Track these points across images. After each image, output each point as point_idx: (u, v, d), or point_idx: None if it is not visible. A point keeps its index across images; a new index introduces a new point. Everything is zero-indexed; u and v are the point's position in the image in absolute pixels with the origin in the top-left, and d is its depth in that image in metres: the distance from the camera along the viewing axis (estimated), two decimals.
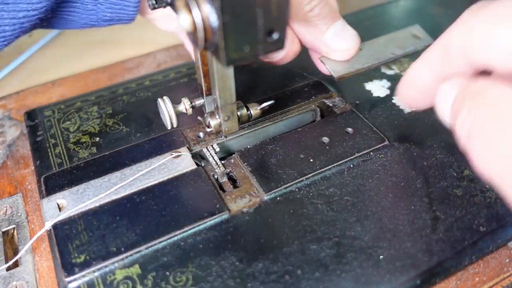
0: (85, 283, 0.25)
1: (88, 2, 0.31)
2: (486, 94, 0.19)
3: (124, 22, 0.34)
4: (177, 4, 0.22)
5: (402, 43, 0.34)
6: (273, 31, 0.21)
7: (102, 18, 0.33)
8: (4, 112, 0.42)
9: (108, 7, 0.32)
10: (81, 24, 0.33)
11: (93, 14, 0.32)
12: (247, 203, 0.29)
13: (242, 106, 0.33)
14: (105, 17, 0.33)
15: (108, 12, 0.32)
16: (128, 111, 0.38)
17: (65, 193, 0.30)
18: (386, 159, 0.32)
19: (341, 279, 0.25)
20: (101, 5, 0.32)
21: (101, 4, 0.31)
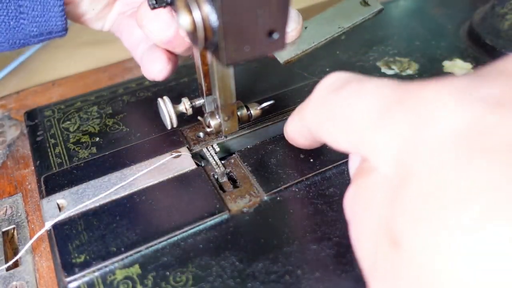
0: (85, 283, 0.25)
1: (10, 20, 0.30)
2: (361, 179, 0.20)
3: (57, 35, 0.33)
4: (177, 4, 0.22)
5: (350, 14, 0.33)
6: (273, 31, 0.21)
7: (30, 34, 0.31)
8: (4, 112, 0.42)
9: (32, 21, 0.31)
10: (9, 44, 0.31)
11: (18, 32, 0.31)
12: (247, 203, 0.29)
13: (242, 106, 0.32)
14: (32, 33, 0.31)
15: (34, 27, 0.31)
16: (128, 111, 0.38)
17: (65, 193, 0.30)
18: None
19: (341, 279, 0.25)
20: (24, 20, 0.30)
21: (24, 19, 0.30)
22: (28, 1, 0.30)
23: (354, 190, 0.20)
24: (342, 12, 0.33)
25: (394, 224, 0.16)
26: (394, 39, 0.45)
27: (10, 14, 0.30)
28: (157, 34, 0.31)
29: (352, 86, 0.21)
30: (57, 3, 0.31)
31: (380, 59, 0.42)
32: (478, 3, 0.50)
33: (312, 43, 0.31)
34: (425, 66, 0.41)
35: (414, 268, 0.15)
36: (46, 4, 0.30)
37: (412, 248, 0.15)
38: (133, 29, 0.35)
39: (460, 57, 0.42)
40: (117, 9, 0.36)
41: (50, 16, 0.31)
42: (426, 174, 0.15)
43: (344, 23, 0.32)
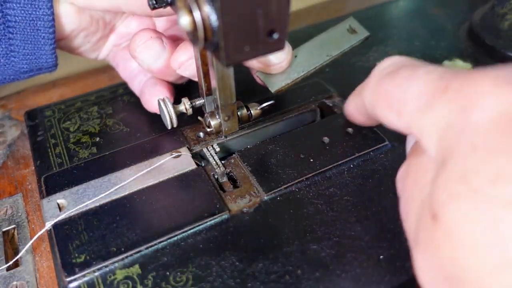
0: (85, 283, 0.25)
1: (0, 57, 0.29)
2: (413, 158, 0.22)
3: (47, 71, 0.33)
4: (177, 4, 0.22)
5: (338, 41, 0.33)
6: (273, 31, 0.21)
7: (20, 71, 0.31)
8: (4, 112, 0.42)
9: (22, 59, 0.30)
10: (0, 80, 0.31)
11: (8, 69, 0.30)
12: (247, 203, 0.29)
13: (242, 106, 0.33)
14: (22, 69, 0.31)
15: (24, 64, 0.31)
16: (128, 111, 0.38)
17: (65, 193, 0.30)
18: (386, 159, 0.32)
19: (341, 279, 0.25)
20: (15, 58, 0.30)
21: (14, 57, 0.30)
22: (19, 40, 0.29)
23: (406, 167, 0.23)
24: (330, 39, 0.34)
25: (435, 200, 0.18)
26: (394, 39, 0.45)
27: (1, 52, 0.30)
28: (148, 64, 0.32)
29: (405, 70, 0.23)
30: (48, 42, 0.30)
31: (380, 59, 0.42)
32: (478, 3, 0.50)
33: (302, 72, 0.32)
34: None
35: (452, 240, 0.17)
36: (37, 42, 0.30)
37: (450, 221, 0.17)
38: (128, 61, 0.36)
39: (460, 57, 0.42)
40: (112, 41, 0.37)
41: (41, 53, 0.31)
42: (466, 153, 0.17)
43: (332, 51, 0.33)
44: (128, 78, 0.37)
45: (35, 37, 0.30)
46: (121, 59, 0.37)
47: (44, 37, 0.30)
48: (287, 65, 0.32)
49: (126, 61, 0.36)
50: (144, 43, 0.31)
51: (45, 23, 0.29)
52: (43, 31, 0.30)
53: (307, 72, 0.32)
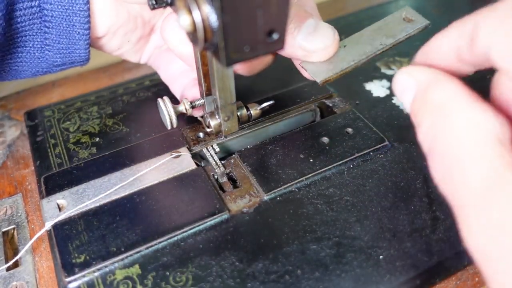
0: (85, 283, 0.25)
1: (35, 50, 0.30)
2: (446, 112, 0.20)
3: (79, 65, 0.33)
4: (177, 4, 0.22)
5: (392, 31, 0.30)
6: (273, 31, 0.21)
7: (53, 64, 0.31)
8: (4, 112, 0.42)
9: (56, 53, 0.31)
10: (32, 73, 0.32)
11: (42, 62, 0.31)
12: (247, 203, 0.29)
13: (242, 106, 0.33)
14: (56, 63, 0.31)
15: (58, 58, 0.31)
16: (128, 111, 0.38)
17: (65, 193, 0.30)
18: (386, 159, 0.32)
19: (341, 279, 0.25)
20: (49, 52, 0.30)
21: (49, 50, 0.30)
22: (55, 34, 0.30)
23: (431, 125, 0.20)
24: (382, 29, 0.31)
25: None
26: None
27: (36, 46, 0.30)
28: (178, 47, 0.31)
29: None
30: (83, 37, 0.31)
31: (380, 59, 0.42)
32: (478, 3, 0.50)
33: (352, 62, 0.29)
34: None
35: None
36: (72, 37, 0.30)
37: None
38: (170, 64, 0.35)
39: None
40: (154, 43, 0.36)
41: (75, 48, 0.31)
42: None
43: (386, 40, 0.30)
44: (169, 80, 0.36)
45: (70, 32, 0.30)
46: (163, 61, 0.36)
47: (79, 32, 0.30)
48: (333, 51, 0.29)
49: (167, 63, 0.36)
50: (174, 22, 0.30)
51: (80, 18, 0.29)
52: (79, 27, 0.30)
53: (358, 61, 0.29)
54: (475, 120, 0.19)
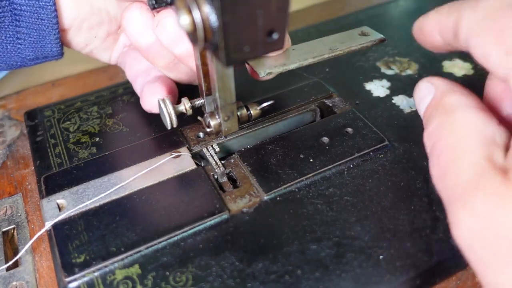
0: (85, 283, 0.25)
1: (7, 43, 0.31)
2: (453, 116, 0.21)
3: (53, 59, 0.33)
4: (177, 4, 0.22)
5: (346, 41, 0.31)
6: (273, 31, 0.21)
7: (26, 58, 0.32)
8: (4, 112, 0.42)
9: (28, 46, 0.31)
10: (7, 65, 0.32)
11: (15, 55, 0.31)
12: (247, 203, 0.29)
13: (242, 106, 0.33)
14: (29, 57, 0.32)
15: (30, 51, 0.32)
16: (128, 111, 0.38)
17: (65, 193, 0.30)
18: (386, 159, 0.32)
19: (341, 279, 0.25)
20: (21, 45, 0.31)
21: (20, 44, 0.31)
22: (25, 28, 0.30)
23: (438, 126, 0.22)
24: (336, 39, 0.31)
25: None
26: (394, 39, 0.45)
27: (8, 39, 0.30)
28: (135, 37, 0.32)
29: None
30: (52, 31, 0.31)
31: (380, 59, 0.42)
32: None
33: (297, 60, 0.29)
34: (425, 66, 0.41)
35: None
36: (42, 31, 0.31)
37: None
38: (135, 60, 0.36)
39: (459, 57, 0.42)
40: (123, 41, 0.37)
41: (46, 42, 0.32)
42: None
43: (337, 46, 0.30)
44: (132, 77, 0.37)
45: (40, 26, 0.31)
46: (129, 58, 0.37)
47: (48, 26, 0.31)
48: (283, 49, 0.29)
49: (133, 60, 0.36)
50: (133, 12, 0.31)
51: (48, 12, 0.30)
52: (47, 21, 0.30)
53: (304, 61, 0.29)
54: (476, 124, 0.20)
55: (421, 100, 0.24)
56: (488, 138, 0.20)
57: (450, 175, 0.20)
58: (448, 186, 0.20)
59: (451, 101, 0.22)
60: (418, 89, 0.25)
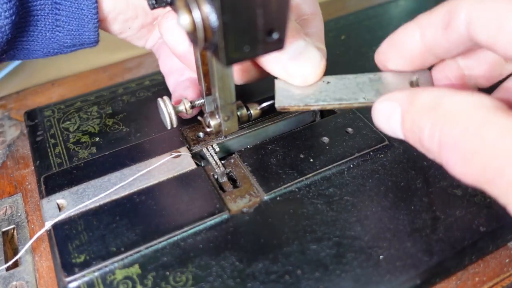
0: (85, 283, 0.25)
1: (46, 31, 0.31)
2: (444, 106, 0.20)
3: (89, 46, 0.34)
4: (177, 4, 0.22)
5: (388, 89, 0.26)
6: (273, 31, 0.21)
7: (64, 45, 0.33)
8: (4, 112, 0.42)
9: (66, 34, 0.32)
10: (44, 53, 0.33)
11: (53, 42, 0.32)
12: (247, 203, 0.29)
13: (242, 106, 0.32)
14: (66, 44, 0.33)
15: (68, 39, 0.32)
16: (128, 111, 0.38)
17: (65, 193, 0.30)
18: (386, 159, 0.32)
19: (341, 279, 0.25)
20: (59, 33, 0.32)
21: (59, 32, 0.32)
22: (65, 16, 0.31)
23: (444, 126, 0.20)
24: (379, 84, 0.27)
25: None
26: None
27: (47, 26, 0.31)
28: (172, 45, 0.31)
29: None
30: (91, 20, 0.32)
31: None
32: None
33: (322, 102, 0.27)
34: None
35: None
36: (81, 20, 0.32)
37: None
38: (169, 56, 0.36)
39: None
40: (158, 33, 0.37)
41: (85, 30, 0.32)
42: None
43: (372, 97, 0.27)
44: (166, 73, 0.37)
45: (79, 15, 0.31)
46: (163, 53, 0.37)
47: (88, 15, 0.32)
48: (314, 80, 0.27)
49: (167, 55, 0.36)
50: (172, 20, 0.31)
51: (89, 4, 0.31)
52: (87, 11, 0.31)
53: (328, 104, 0.27)
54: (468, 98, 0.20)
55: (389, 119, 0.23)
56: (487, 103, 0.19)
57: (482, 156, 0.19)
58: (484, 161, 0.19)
59: (427, 99, 0.21)
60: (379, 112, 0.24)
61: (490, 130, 0.18)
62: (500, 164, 0.18)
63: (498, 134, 0.18)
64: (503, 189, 0.18)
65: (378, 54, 0.28)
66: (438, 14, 0.24)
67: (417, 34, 0.25)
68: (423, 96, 0.22)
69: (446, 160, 0.20)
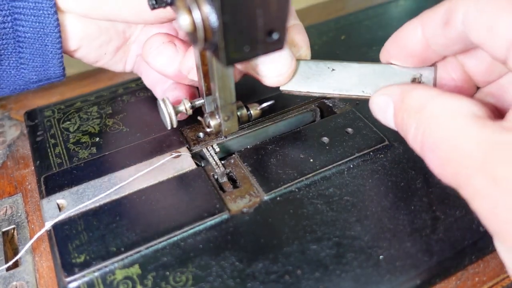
0: (85, 283, 0.25)
1: (11, 69, 0.31)
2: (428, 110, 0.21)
3: (55, 80, 0.34)
4: (177, 4, 0.22)
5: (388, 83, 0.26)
6: (273, 31, 0.21)
7: (30, 81, 0.32)
8: (4, 112, 0.42)
9: (31, 71, 0.32)
10: (10, 90, 0.33)
11: (19, 79, 0.32)
12: (247, 203, 0.29)
13: (242, 106, 0.32)
14: (32, 80, 0.32)
15: (33, 75, 0.32)
16: (128, 111, 0.38)
17: (65, 193, 0.30)
18: (386, 159, 0.32)
19: (341, 279, 0.25)
20: (24, 70, 0.31)
21: (24, 69, 0.31)
22: (29, 53, 0.31)
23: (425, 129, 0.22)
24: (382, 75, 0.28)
25: None
26: None
27: (12, 64, 0.31)
28: (162, 69, 0.32)
29: None
30: (56, 56, 0.32)
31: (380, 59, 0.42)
32: None
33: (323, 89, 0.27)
34: None
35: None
36: (46, 56, 0.31)
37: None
38: (150, 70, 0.36)
39: None
40: (135, 51, 0.37)
41: (49, 66, 0.32)
42: None
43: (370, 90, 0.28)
44: (151, 85, 0.37)
45: (44, 51, 0.31)
46: (144, 68, 0.37)
47: (52, 51, 0.31)
48: (285, 81, 0.29)
49: (148, 69, 0.36)
50: (156, 48, 0.31)
51: (52, 39, 0.30)
52: (51, 47, 0.31)
53: (328, 94, 0.28)
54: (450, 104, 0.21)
55: (384, 113, 0.25)
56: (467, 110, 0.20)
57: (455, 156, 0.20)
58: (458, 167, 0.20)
59: (414, 99, 0.22)
60: (375, 105, 0.25)
61: (463, 139, 0.20)
62: (468, 172, 0.19)
63: (469, 144, 0.19)
64: (470, 195, 0.20)
65: (383, 51, 0.29)
66: (439, 11, 0.24)
67: (419, 30, 0.26)
68: (412, 96, 0.23)
69: (427, 160, 0.22)
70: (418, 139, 0.22)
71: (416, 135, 0.22)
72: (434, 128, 0.21)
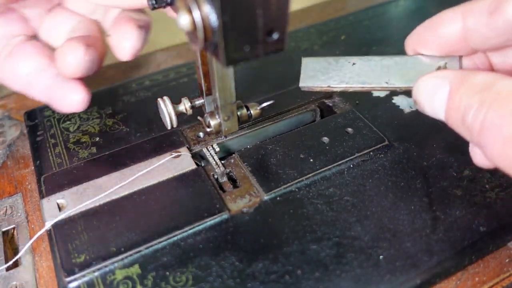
0: (85, 283, 0.25)
1: None
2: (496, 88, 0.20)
3: None
4: (177, 4, 0.22)
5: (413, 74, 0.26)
6: (273, 31, 0.21)
7: None
8: (4, 112, 0.42)
9: None
10: None
11: None
12: (247, 203, 0.29)
13: (242, 106, 0.32)
14: None
15: None
16: (128, 111, 0.38)
17: (65, 193, 0.30)
18: (386, 159, 0.32)
19: (341, 279, 0.25)
20: None
21: None
22: None
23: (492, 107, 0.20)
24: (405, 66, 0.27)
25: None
26: (394, 39, 0.45)
27: None
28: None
29: None
30: None
31: None
32: None
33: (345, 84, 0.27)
34: None
35: None
36: None
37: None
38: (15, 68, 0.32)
39: None
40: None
41: None
42: None
43: (395, 82, 0.26)
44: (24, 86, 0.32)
45: None
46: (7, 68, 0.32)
47: None
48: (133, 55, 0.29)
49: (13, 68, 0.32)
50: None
51: None
52: None
53: (351, 86, 0.27)
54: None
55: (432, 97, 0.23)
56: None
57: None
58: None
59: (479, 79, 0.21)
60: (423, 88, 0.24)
61: None
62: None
63: None
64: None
65: (411, 37, 0.27)
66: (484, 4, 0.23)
67: (458, 19, 0.24)
68: (477, 77, 0.21)
69: (484, 141, 0.20)
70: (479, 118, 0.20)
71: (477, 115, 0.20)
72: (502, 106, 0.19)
